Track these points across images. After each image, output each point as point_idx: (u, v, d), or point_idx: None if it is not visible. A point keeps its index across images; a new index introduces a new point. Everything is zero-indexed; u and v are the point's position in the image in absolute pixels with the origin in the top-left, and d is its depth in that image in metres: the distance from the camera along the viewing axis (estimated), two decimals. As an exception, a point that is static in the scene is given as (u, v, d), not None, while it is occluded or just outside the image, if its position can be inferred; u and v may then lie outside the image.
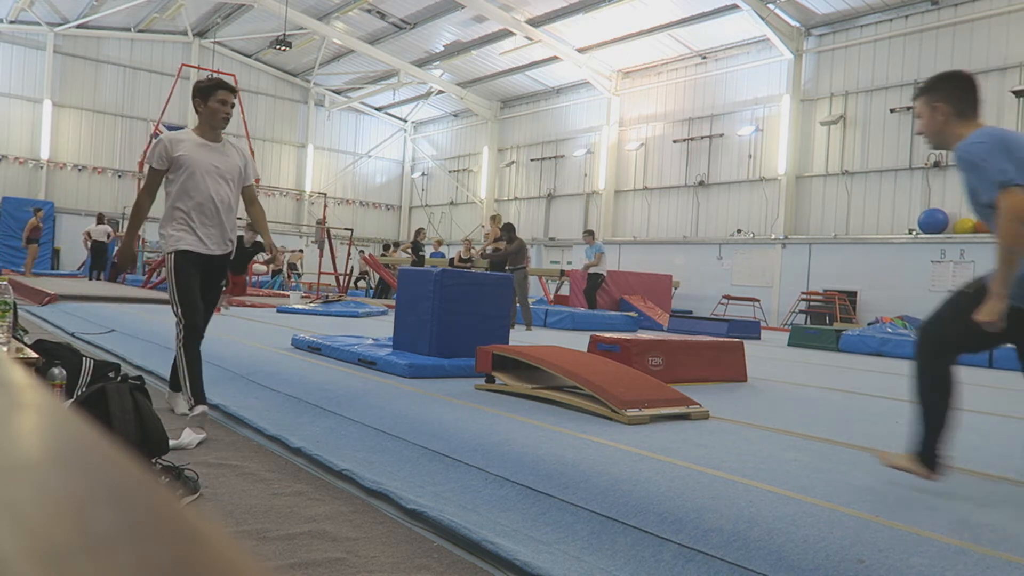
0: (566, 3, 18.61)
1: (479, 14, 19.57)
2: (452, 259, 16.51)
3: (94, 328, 7.73)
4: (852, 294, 16.00)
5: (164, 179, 3.76)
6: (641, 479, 2.64)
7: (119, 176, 23.83)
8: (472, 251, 16.03)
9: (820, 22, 17.04)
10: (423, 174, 29.14)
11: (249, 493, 2.81)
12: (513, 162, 25.27)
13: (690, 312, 16.86)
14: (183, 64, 21.05)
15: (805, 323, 15.40)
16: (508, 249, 10.88)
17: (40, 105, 22.71)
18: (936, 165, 15.07)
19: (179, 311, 3.71)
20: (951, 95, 2.61)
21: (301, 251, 24.13)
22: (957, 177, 14.96)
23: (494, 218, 13.13)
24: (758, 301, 17.39)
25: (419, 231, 17.65)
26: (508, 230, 11.02)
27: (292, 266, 21.52)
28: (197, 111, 3.83)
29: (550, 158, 23.88)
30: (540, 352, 4.47)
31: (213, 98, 3.77)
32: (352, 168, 28.55)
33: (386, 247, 23.52)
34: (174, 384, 4.12)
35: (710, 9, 17.38)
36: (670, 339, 6.01)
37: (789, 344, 10.87)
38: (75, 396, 3.59)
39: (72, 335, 7.34)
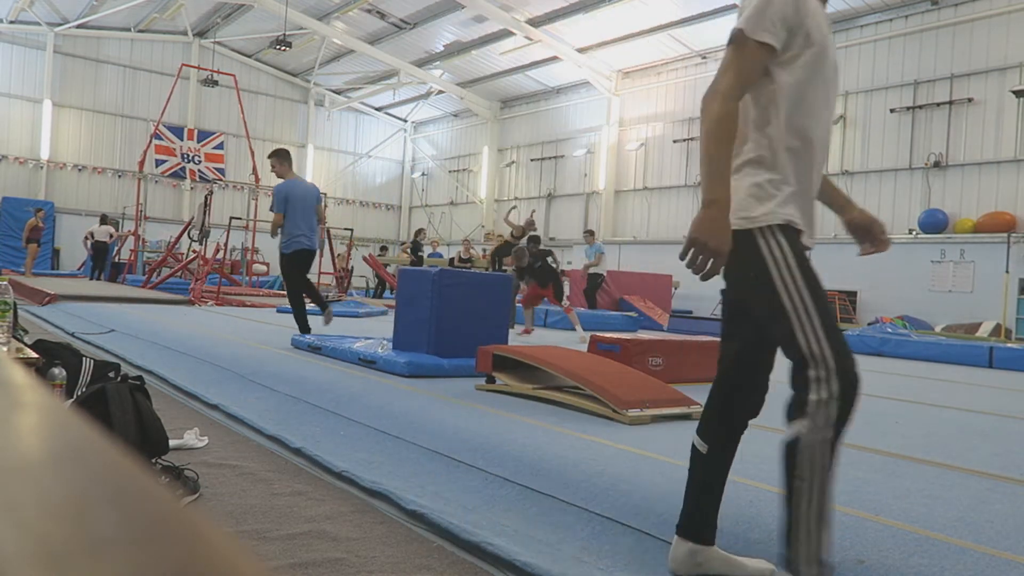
0: (566, 3, 18.60)
1: (479, 14, 19.57)
2: (452, 259, 16.50)
3: (94, 328, 7.73)
4: (852, 294, 15.99)
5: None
6: (642, 479, 2.64)
7: (119, 176, 23.82)
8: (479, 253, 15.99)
9: (820, 22, 17.04)
10: (423, 174, 29.13)
11: (249, 493, 2.81)
12: (513, 162, 25.26)
13: (690, 312, 16.86)
14: (183, 64, 21.04)
15: (805, 323, 15.38)
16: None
17: (40, 105, 22.70)
18: (936, 165, 15.06)
19: (827, 347, 1.75)
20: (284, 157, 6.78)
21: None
22: (957, 177, 14.97)
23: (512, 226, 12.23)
24: (758, 301, 17.37)
25: (419, 231, 17.66)
26: (535, 241, 10.88)
27: None
28: None
29: (550, 158, 23.87)
30: (541, 353, 4.47)
31: None
32: (352, 168, 28.54)
33: (383, 248, 23.53)
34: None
35: (710, 9, 17.37)
36: (670, 339, 6.01)
37: (789, 344, 10.85)
38: (75, 396, 3.59)
39: (72, 335, 7.34)
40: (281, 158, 6.92)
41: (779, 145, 1.85)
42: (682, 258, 1.77)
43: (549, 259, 9.99)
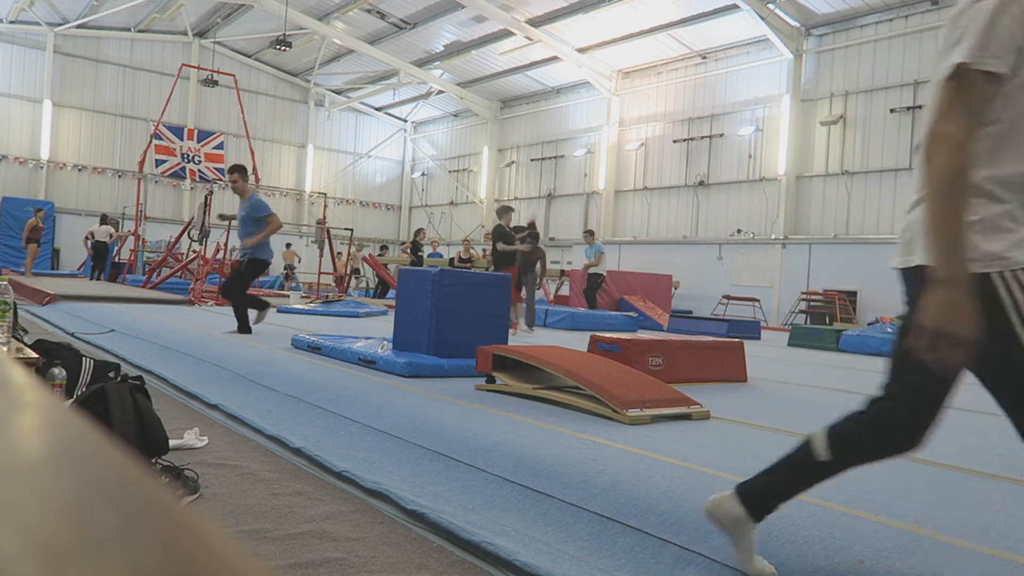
0: (566, 3, 18.60)
1: (479, 14, 19.57)
2: (452, 259, 16.51)
3: (94, 328, 7.73)
4: (852, 294, 15.99)
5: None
6: (641, 479, 2.64)
7: (119, 176, 23.83)
8: (473, 251, 15.98)
9: (820, 22, 17.04)
10: (423, 174, 29.14)
11: (249, 493, 2.81)
12: (513, 162, 25.26)
13: (690, 312, 16.86)
14: (183, 64, 21.05)
15: (805, 323, 15.39)
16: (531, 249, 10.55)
17: (40, 105, 22.70)
18: (936, 165, 15.08)
19: None
20: (245, 173, 7.38)
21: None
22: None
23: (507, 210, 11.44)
24: (758, 301, 17.38)
25: (419, 231, 17.66)
26: (535, 238, 10.80)
27: (290, 267, 21.53)
28: None
29: (550, 158, 23.87)
30: (541, 352, 4.47)
31: None
32: (352, 168, 28.54)
33: (383, 248, 23.54)
34: None
35: (710, 9, 17.38)
36: (670, 339, 6.00)
37: (789, 344, 10.86)
38: (75, 396, 3.59)
39: (72, 335, 7.34)
40: (243, 174, 7.49)
41: (1004, 176, 1.60)
42: (917, 349, 1.54)
43: (524, 245, 10.01)
